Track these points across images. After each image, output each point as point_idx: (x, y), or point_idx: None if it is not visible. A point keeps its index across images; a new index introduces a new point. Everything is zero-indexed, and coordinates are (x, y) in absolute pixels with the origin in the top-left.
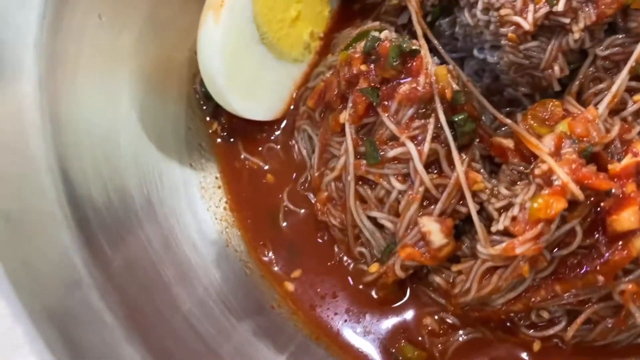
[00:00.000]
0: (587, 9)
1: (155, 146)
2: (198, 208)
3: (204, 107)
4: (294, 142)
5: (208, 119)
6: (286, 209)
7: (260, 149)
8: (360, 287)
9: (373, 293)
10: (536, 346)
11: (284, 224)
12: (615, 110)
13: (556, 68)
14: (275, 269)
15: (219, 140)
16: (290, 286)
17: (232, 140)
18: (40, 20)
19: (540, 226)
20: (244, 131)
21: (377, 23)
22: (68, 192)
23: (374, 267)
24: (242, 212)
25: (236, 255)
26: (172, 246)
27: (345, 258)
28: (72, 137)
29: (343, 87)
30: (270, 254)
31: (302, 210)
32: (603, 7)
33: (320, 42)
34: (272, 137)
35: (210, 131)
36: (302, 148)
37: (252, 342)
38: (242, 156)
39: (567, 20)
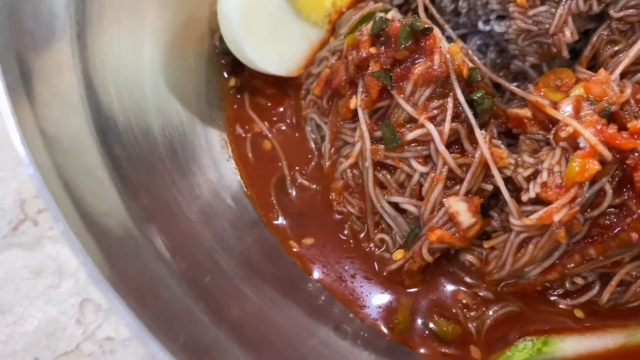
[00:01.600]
0: None
1: (177, 96)
2: (218, 158)
3: (223, 62)
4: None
5: (226, 75)
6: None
7: (272, 119)
8: (384, 274)
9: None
10: (578, 313)
11: (293, 193)
12: (626, 72)
13: (567, 32)
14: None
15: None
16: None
17: (241, 97)
18: None
19: (574, 189)
20: (257, 92)
21: (379, 4)
22: (98, 123)
23: (399, 254)
24: (249, 175)
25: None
26: (193, 187)
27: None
28: (100, 74)
29: (352, 72)
30: (281, 219)
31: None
32: None
33: (338, 16)
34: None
35: (230, 86)
36: (310, 138)
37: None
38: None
39: None
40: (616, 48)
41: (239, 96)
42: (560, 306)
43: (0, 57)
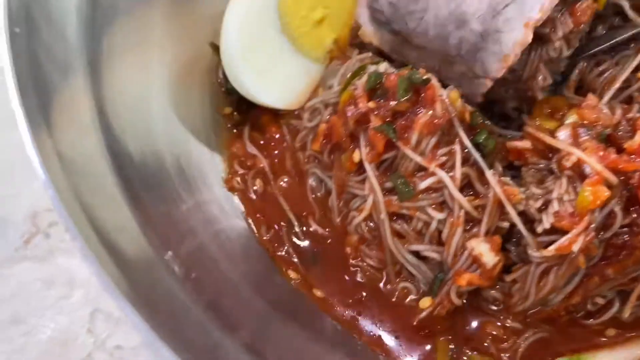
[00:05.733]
0: (562, 18)
1: (183, 123)
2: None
3: (228, 98)
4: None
5: (230, 109)
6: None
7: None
8: (414, 324)
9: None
10: (610, 332)
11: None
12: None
13: (539, 78)
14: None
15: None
16: (319, 293)
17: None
18: None
19: (588, 217)
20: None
21: (363, 55)
22: (110, 146)
23: (427, 302)
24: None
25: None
26: (200, 205)
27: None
28: (111, 100)
29: (352, 127)
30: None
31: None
32: (579, 14)
33: (341, 52)
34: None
35: (233, 120)
36: (315, 191)
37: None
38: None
39: (546, 30)
40: (601, 68)
41: (235, 131)
42: (587, 325)
43: (20, 84)
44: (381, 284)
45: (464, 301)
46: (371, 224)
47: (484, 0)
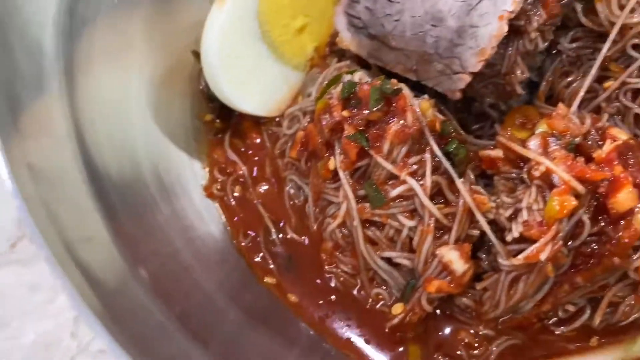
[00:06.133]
0: (535, 10)
1: (163, 130)
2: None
3: (210, 105)
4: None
5: (212, 116)
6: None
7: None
8: (386, 330)
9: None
10: (593, 343)
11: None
12: (581, 103)
13: (518, 71)
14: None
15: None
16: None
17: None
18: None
19: (555, 226)
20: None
21: (345, 63)
22: (84, 154)
23: (399, 308)
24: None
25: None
26: (177, 212)
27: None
28: (87, 107)
29: (327, 135)
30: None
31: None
32: (551, 4)
33: (321, 60)
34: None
35: (215, 127)
36: (293, 198)
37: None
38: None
39: (521, 23)
40: (569, 79)
41: (220, 136)
42: (557, 333)
43: None
44: (355, 290)
45: (436, 309)
46: (345, 231)
47: None
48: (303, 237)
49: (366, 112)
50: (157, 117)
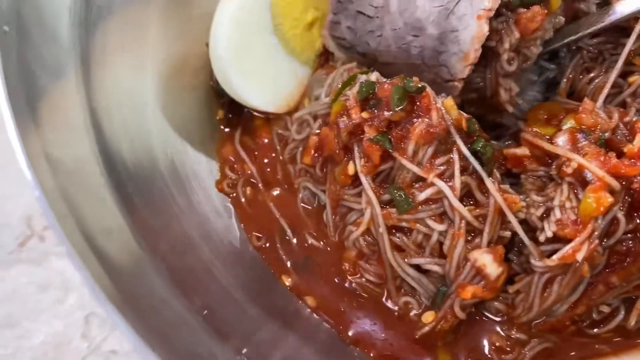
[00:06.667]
0: (508, 28)
1: (177, 122)
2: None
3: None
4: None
5: (223, 112)
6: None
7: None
8: (417, 337)
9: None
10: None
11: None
12: (606, 97)
13: (502, 92)
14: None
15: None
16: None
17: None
18: None
19: (591, 224)
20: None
21: (353, 64)
22: (101, 145)
23: (430, 316)
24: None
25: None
26: (194, 205)
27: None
28: (103, 99)
29: (345, 139)
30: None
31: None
32: (525, 21)
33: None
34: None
35: (224, 123)
36: (308, 205)
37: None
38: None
39: (493, 44)
40: (591, 75)
41: (227, 133)
42: (591, 335)
43: (8, 83)
44: (382, 299)
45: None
46: (369, 238)
47: (435, 2)
48: (322, 242)
49: (388, 112)
50: (172, 109)
